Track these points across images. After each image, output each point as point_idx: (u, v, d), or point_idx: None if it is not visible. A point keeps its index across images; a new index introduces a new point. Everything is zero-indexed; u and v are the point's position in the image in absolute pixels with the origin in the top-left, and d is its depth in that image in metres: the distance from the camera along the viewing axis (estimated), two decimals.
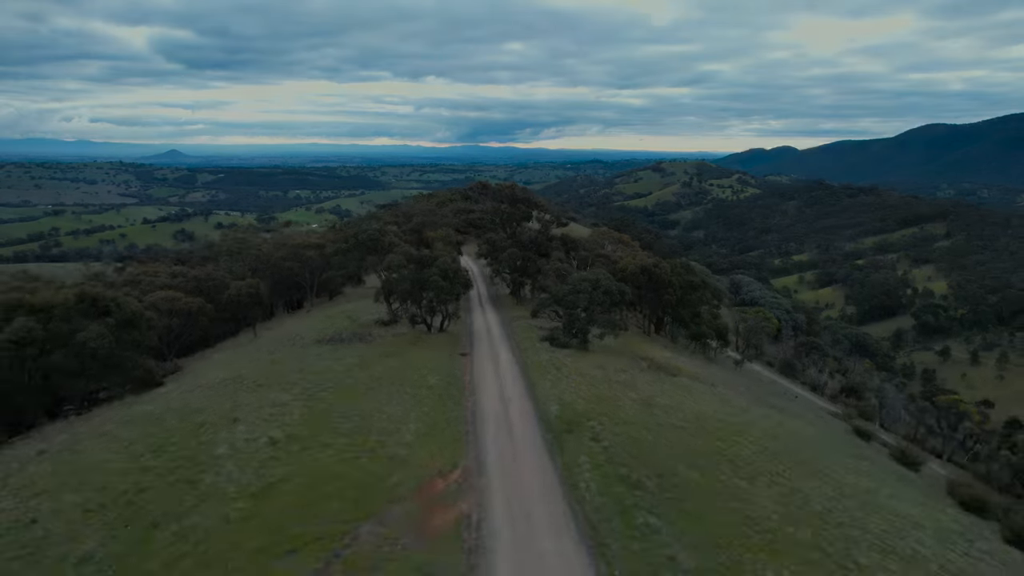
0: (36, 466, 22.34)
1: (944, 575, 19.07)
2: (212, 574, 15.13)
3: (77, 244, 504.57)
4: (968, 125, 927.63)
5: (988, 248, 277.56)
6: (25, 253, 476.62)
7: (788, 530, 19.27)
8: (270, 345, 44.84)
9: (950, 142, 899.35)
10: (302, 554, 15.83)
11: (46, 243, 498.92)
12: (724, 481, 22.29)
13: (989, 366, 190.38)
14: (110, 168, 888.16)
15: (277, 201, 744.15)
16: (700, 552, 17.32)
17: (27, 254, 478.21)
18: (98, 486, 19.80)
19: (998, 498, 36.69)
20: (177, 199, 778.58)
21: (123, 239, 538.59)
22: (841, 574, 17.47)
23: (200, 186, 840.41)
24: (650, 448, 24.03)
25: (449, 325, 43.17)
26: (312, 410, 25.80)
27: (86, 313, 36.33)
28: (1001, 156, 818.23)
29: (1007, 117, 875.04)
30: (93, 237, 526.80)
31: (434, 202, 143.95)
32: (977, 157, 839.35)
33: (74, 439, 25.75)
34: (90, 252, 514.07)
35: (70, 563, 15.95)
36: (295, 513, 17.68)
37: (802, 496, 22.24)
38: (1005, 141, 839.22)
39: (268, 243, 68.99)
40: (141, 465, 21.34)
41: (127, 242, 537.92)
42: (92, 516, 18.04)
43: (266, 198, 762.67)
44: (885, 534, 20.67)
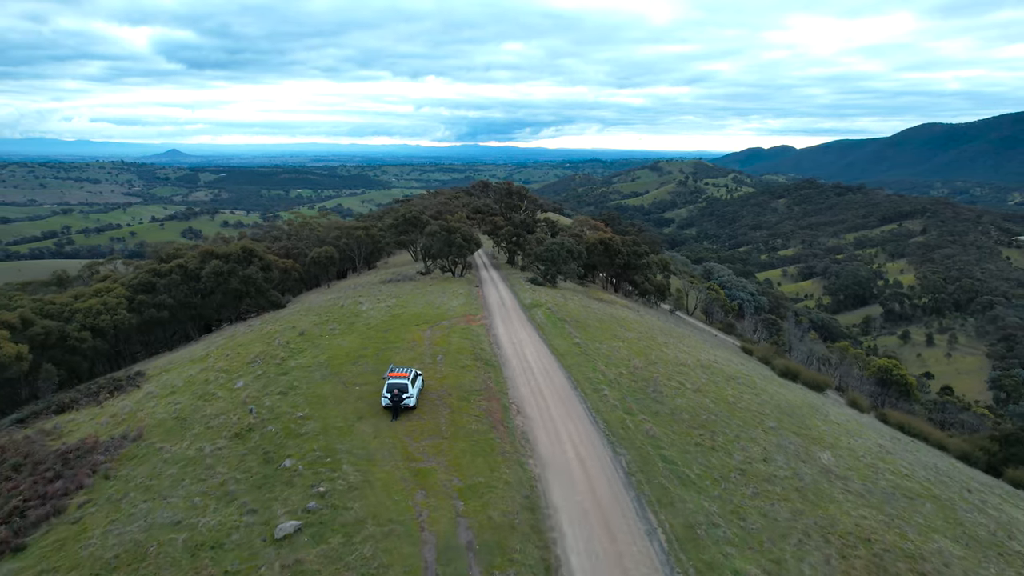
0: (255, 329, 46.24)
1: (724, 369, 42.92)
2: (388, 334, 38.83)
3: (89, 242, 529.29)
4: (964, 124, 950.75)
5: (957, 243, 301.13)
6: (41, 250, 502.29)
7: (632, 336, 43.11)
8: (344, 290, 68.60)
9: (946, 141, 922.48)
10: (419, 326, 39.59)
11: (59, 241, 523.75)
12: (611, 326, 46.13)
13: (942, 347, 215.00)
14: (112, 167, 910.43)
15: (279, 200, 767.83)
16: (586, 336, 41.11)
17: (43, 251, 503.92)
18: (304, 327, 43.59)
19: (807, 374, 60.38)
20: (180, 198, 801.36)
21: (133, 237, 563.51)
22: (653, 345, 41.15)
23: (202, 185, 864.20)
24: (577, 316, 47.88)
25: (466, 273, 67.04)
26: (399, 298, 49.75)
27: (245, 260, 60.18)
28: (995, 155, 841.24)
29: (1002, 117, 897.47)
30: (104, 235, 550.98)
31: (442, 199, 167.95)
32: (972, 156, 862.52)
33: (263, 321, 49.68)
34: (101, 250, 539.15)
35: (326, 336, 39.64)
36: (409, 322, 41.42)
37: (649, 331, 46.10)
38: (999, 140, 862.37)
39: (323, 226, 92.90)
40: (322, 319, 45.00)
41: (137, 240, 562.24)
42: (303, 336, 41.78)
43: (268, 197, 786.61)
44: (688, 349, 44.62)
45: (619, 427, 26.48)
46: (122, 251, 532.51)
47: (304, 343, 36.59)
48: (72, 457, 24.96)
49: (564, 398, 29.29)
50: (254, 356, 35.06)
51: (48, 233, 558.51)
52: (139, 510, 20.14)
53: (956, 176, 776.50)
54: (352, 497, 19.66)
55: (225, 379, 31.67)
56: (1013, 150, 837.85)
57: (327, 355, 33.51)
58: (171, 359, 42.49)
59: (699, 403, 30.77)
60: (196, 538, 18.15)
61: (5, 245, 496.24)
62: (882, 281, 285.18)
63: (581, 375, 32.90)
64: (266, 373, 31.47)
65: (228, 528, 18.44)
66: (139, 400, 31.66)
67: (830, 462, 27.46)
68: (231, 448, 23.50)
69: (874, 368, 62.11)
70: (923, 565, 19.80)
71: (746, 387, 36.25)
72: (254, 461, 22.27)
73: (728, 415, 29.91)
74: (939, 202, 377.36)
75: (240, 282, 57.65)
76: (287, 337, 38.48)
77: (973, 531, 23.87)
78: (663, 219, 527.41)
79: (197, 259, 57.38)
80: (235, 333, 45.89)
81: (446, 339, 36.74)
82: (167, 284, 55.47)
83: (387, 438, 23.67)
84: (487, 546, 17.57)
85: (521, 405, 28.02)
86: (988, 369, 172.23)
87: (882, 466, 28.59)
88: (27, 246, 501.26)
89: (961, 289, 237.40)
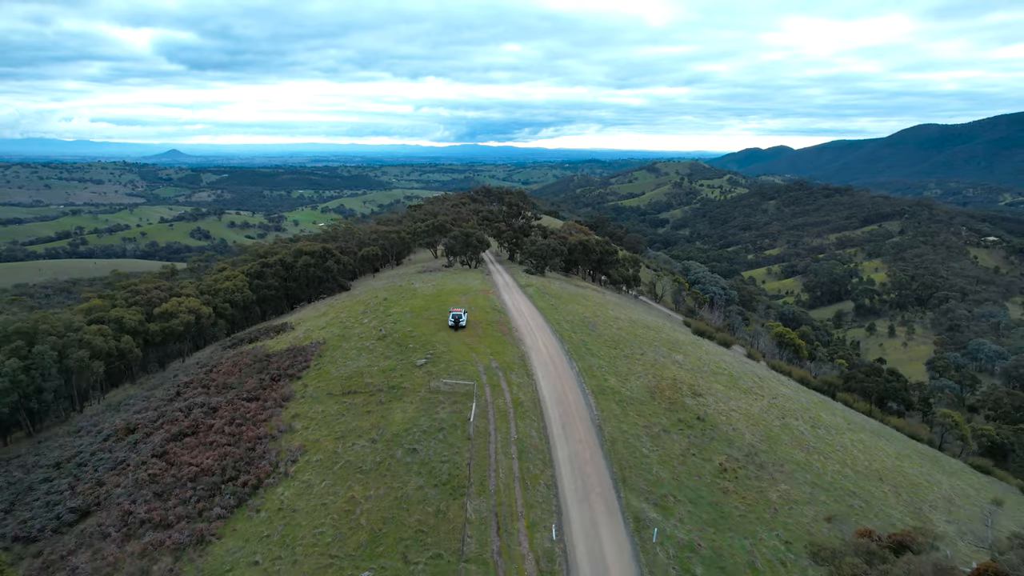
0: (350, 298, 72.97)
1: (656, 328, 69.57)
2: (439, 299, 65.48)
3: (102, 242, 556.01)
4: (959, 125, 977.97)
5: (929, 243, 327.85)
6: (56, 250, 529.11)
7: (590, 304, 69.75)
8: (391, 278, 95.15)
9: (941, 142, 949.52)
10: (456, 295, 66.23)
11: (74, 241, 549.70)
12: (577, 298, 72.72)
13: (901, 338, 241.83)
14: (115, 168, 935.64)
15: (282, 201, 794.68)
16: (558, 302, 67.70)
17: (58, 251, 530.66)
18: (384, 296, 70.17)
19: (715, 332, 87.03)
20: (184, 198, 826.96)
21: (144, 237, 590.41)
22: (601, 310, 67.58)
23: (205, 186, 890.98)
24: (555, 292, 74.48)
25: (479, 266, 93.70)
26: (436, 281, 76.51)
27: (324, 256, 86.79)
28: (989, 156, 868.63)
29: (996, 118, 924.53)
30: (116, 235, 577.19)
31: (449, 204, 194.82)
32: (966, 157, 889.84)
33: (342, 298, 76.37)
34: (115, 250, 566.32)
35: (401, 301, 66.15)
36: (449, 293, 68.00)
37: (603, 304, 72.78)
38: (994, 141, 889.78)
39: (364, 230, 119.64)
40: (391, 293, 71.47)
41: (147, 240, 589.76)
42: (387, 301, 68.34)
43: (271, 198, 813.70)
44: (651, 328, 71.33)
45: (567, 337, 53.16)
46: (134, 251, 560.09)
47: (389, 303, 63.26)
48: (295, 352, 51.51)
49: (540, 326, 56.04)
50: (362, 310, 61.73)
51: (62, 234, 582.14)
52: (347, 364, 46.69)
53: (950, 176, 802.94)
54: (443, 355, 46.27)
55: (354, 320, 58.32)
56: (1007, 151, 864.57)
57: (408, 307, 60.21)
58: (297, 317, 69.12)
59: (616, 333, 57.42)
60: (381, 367, 44.72)
61: (21, 245, 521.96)
62: (856, 279, 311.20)
63: (551, 317, 59.62)
64: (377, 316, 58.13)
65: (393, 364, 45.07)
66: (304, 332, 58.26)
67: (680, 359, 54.05)
68: (378, 344, 50.07)
69: (773, 334, 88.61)
70: (699, 390, 46.27)
71: (653, 331, 62.93)
72: (393, 347, 48.88)
73: (631, 338, 56.55)
74: (918, 204, 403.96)
75: (322, 271, 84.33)
76: (377, 300, 65.13)
77: (738, 384, 50.46)
78: (658, 220, 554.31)
79: (292, 255, 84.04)
80: (333, 303, 72.66)
81: (474, 300, 63.40)
82: (272, 272, 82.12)
83: (453, 337, 50.33)
84: (504, 367, 44.22)
85: (517, 327, 54.73)
86: (932, 355, 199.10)
87: (713, 366, 55.16)
88: (43, 246, 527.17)
89: (923, 286, 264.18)
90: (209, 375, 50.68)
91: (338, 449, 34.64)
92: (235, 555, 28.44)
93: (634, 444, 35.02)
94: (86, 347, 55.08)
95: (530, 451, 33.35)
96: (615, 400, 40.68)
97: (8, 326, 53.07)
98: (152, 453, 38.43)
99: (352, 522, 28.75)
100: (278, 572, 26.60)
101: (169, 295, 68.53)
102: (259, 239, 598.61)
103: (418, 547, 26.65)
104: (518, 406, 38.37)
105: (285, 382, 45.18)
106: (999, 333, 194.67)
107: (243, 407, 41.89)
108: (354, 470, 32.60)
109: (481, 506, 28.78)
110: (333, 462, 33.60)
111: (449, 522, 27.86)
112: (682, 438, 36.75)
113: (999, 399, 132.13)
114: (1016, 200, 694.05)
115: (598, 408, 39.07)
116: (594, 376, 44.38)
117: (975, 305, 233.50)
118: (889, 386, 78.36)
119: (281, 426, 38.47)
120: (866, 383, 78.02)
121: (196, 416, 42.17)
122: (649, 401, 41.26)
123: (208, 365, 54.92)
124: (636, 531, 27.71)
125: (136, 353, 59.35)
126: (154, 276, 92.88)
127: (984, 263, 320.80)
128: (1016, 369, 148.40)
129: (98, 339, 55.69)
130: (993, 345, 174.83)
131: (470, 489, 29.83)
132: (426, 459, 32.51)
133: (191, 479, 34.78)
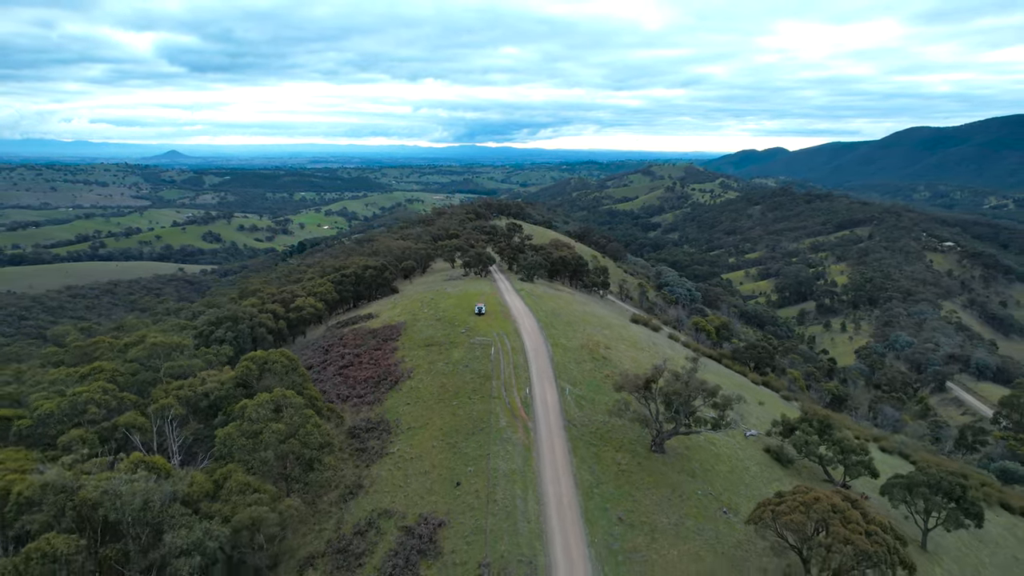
0: (404, 297, 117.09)
1: (612, 328, 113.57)
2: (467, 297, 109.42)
3: (119, 245, 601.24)
4: (951, 128, 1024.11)
5: (890, 248, 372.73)
6: (78, 253, 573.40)
7: (562, 301, 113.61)
8: (425, 284, 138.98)
9: (933, 144, 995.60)
10: (476, 295, 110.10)
11: (93, 244, 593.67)
12: (554, 298, 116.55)
13: (850, 332, 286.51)
14: (117, 170, 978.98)
15: (285, 203, 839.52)
16: (541, 301, 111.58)
17: (79, 254, 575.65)
18: (430, 296, 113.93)
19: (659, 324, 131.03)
20: (188, 200, 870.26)
21: (158, 240, 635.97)
22: (569, 307, 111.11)
23: (208, 188, 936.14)
24: (539, 294, 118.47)
25: (487, 275, 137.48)
26: (460, 286, 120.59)
27: (382, 268, 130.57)
28: (980, 158, 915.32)
29: (988, 120, 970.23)
30: (132, 239, 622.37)
31: (456, 220, 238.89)
32: (958, 159, 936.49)
33: (395, 296, 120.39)
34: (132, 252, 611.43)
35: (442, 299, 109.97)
36: (472, 294, 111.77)
37: (572, 302, 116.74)
38: (985, 143, 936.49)
39: (398, 246, 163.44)
40: (433, 295, 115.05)
41: (162, 243, 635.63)
42: (433, 300, 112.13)
43: (273, 200, 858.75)
44: (598, 316, 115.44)
45: (542, 319, 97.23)
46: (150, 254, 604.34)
47: (436, 301, 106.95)
48: (388, 328, 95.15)
49: (527, 313, 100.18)
50: (419, 305, 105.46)
51: (80, 237, 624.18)
52: (422, 332, 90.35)
53: (941, 179, 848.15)
54: (474, 328, 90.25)
55: (416, 310, 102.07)
56: (997, 153, 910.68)
57: (448, 303, 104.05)
58: (374, 309, 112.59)
59: (571, 318, 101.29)
60: (442, 333, 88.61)
61: (43, 248, 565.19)
62: (821, 281, 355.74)
63: (534, 308, 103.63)
64: (430, 308, 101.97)
65: (448, 331, 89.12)
66: (387, 318, 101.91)
67: (607, 333, 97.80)
68: (436, 322, 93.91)
69: (691, 324, 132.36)
70: (608, 347, 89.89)
71: (596, 318, 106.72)
72: (445, 323, 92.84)
73: (580, 321, 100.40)
74: (887, 211, 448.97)
75: (380, 279, 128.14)
76: (426, 299, 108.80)
77: (637, 346, 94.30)
78: (650, 223, 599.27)
79: (361, 269, 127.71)
80: (395, 300, 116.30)
81: (487, 299, 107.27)
82: (348, 280, 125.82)
83: (478, 320, 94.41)
84: (506, 333, 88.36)
85: (513, 314, 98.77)
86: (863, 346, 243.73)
87: (627, 337, 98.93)
88: (64, 249, 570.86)
89: (875, 287, 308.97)
90: (341, 341, 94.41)
91: (431, 367, 78.34)
92: (395, 405, 72.00)
93: (567, 364, 78.78)
94: (262, 327, 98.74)
95: (518, 366, 77.16)
96: (562, 348, 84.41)
97: (222, 314, 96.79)
98: (334, 373, 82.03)
99: (443, 389, 72.44)
100: (414, 407, 70.11)
101: (293, 296, 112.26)
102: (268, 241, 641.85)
103: (472, 396, 70.26)
104: (513, 350, 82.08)
105: (391, 343, 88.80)
106: (920, 328, 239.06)
107: (374, 353, 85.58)
108: (439, 373, 76.29)
109: (497, 383, 72.55)
110: (429, 371, 77.30)
111: (485, 387, 71.63)
112: (591, 364, 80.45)
113: (893, 377, 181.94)
114: (1000, 203, 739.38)
115: (552, 351, 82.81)
116: (553, 338, 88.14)
117: (913, 304, 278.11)
118: (760, 356, 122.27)
119: (398, 360, 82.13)
120: (745, 354, 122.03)
121: (349, 359, 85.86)
122: (579, 349, 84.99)
123: (333, 338, 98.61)
124: (561, 391, 71.46)
125: (285, 330, 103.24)
126: (262, 280, 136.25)
127: (939, 266, 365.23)
128: (913, 355, 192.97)
129: (269, 321, 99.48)
130: (907, 337, 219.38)
131: (492, 377, 73.62)
132: (472, 368, 76.32)
133: (362, 381, 78.38)
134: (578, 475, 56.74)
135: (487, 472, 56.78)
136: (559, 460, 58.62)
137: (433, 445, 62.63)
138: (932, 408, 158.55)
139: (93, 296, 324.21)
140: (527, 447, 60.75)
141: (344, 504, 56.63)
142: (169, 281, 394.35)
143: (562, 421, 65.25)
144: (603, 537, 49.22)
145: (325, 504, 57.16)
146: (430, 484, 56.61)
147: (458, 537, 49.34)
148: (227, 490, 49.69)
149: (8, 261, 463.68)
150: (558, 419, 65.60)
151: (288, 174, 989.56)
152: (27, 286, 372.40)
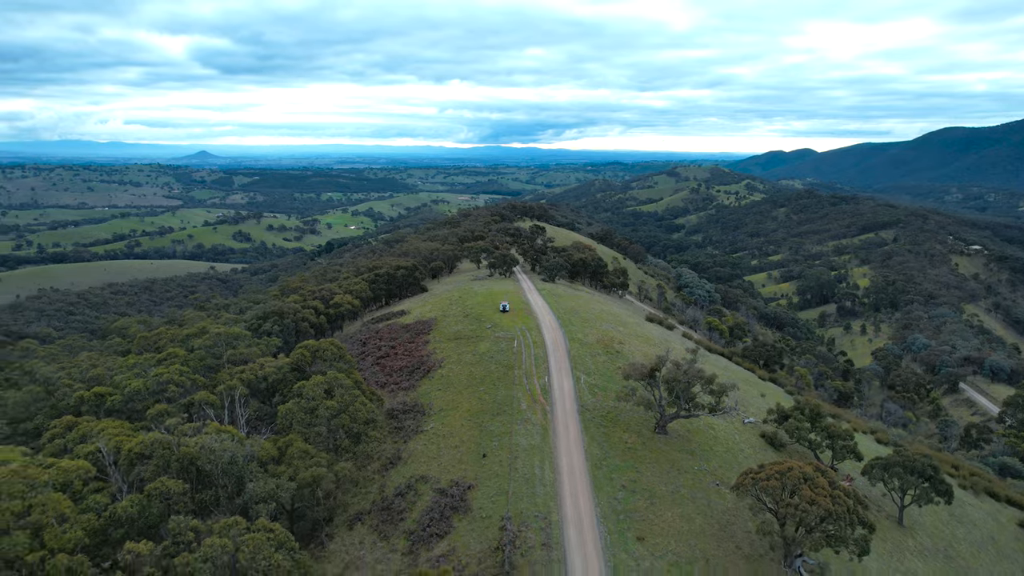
0: (434, 296, 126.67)
1: (631, 327, 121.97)
2: (493, 296, 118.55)
3: (153, 244, 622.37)
4: (986, 128, 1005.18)
5: (914, 251, 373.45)
6: (115, 251, 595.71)
7: (581, 301, 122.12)
8: (452, 284, 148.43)
9: (966, 145, 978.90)
10: (500, 294, 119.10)
11: (129, 243, 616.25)
12: (573, 297, 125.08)
13: (869, 335, 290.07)
14: (150, 170, 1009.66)
15: (312, 203, 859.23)
16: (561, 299, 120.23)
17: (116, 252, 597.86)
18: (458, 295, 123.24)
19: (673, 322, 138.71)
20: (219, 200, 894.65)
21: (191, 239, 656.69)
22: (587, 305, 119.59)
23: (237, 188, 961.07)
24: (559, 293, 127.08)
25: (511, 275, 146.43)
26: (486, 285, 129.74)
27: (412, 268, 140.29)
28: (1015, 159, 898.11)
29: None
30: (166, 238, 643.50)
31: (481, 222, 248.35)
32: (992, 160, 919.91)
33: (430, 293, 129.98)
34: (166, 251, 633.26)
35: (470, 297, 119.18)
36: (496, 295, 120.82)
37: (590, 301, 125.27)
38: (1021, 143, 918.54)
39: (426, 248, 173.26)
40: (461, 293, 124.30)
41: (194, 242, 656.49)
42: (461, 297, 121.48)
43: (301, 200, 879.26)
44: (614, 315, 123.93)
45: (561, 316, 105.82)
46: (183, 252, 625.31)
47: (463, 299, 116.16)
48: (420, 323, 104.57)
49: (547, 311, 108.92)
50: (448, 303, 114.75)
51: (118, 236, 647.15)
52: (452, 327, 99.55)
53: (974, 181, 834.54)
54: (499, 323, 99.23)
55: (446, 307, 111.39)
56: None
57: (475, 301, 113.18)
58: (406, 306, 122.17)
59: (589, 316, 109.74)
60: (470, 328, 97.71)
61: (83, 247, 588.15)
62: (843, 284, 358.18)
63: (554, 307, 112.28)
64: (459, 305, 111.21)
65: (475, 327, 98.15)
66: (419, 314, 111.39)
67: (621, 329, 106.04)
68: (464, 319, 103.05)
69: (705, 323, 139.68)
70: (623, 342, 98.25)
71: (612, 316, 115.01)
72: (473, 319, 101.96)
73: (596, 319, 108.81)
74: (913, 213, 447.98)
75: (411, 279, 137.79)
76: (455, 298, 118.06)
77: (649, 342, 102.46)
78: (674, 225, 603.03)
79: (393, 269, 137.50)
80: (426, 298, 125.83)
81: (511, 297, 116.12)
82: (381, 279, 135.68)
83: (502, 316, 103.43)
84: (528, 329, 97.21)
85: (535, 311, 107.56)
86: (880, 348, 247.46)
87: (639, 334, 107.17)
88: (102, 247, 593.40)
89: (896, 290, 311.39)
90: (378, 335, 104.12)
91: (459, 358, 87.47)
92: (428, 390, 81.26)
93: (583, 356, 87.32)
94: (304, 321, 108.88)
95: (538, 357, 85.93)
96: (578, 343, 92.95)
97: (268, 310, 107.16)
98: (372, 363, 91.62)
99: (471, 377, 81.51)
100: (445, 393, 79.24)
101: (331, 293, 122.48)
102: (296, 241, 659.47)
103: (497, 383, 79.23)
104: (534, 343, 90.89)
105: (423, 336, 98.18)
106: (939, 331, 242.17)
107: (408, 346, 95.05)
108: (467, 363, 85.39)
109: (519, 372, 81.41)
110: (458, 361, 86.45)
111: (508, 375, 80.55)
112: (604, 357, 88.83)
113: (907, 377, 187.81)
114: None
115: (569, 344, 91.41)
116: (571, 333, 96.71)
117: (934, 308, 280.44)
118: (769, 355, 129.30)
119: (430, 351, 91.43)
120: (755, 352, 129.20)
121: (385, 350, 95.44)
122: (594, 344, 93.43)
123: (369, 332, 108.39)
124: (576, 380, 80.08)
125: (325, 325, 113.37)
126: (301, 278, 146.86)
127: (964, 269, 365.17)
128: (927, 356, 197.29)
129: (311, 316, 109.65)
130: (924, 339, 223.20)
131: (515, 367, 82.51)
132: (498, 359, 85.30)
133: (398, 369, 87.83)
134: (589, 451, 65.38)
135: (510, 446, 65.75)
136: (572, 438, 67.33)
137: (462, 424, 71.81)
138: (943, 408, 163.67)
139: (133, 293, 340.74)
140: (544, 427, 69.57)
141: (386, 472, 66.14)
142: (203, 279, 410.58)
143: (576, 405, 73.97)
144: (608, 500, 57.80)
145: (369, 472, 66.72)
146: (460, 456, 65.78)
147: (484, 498, 58.37)
148: (289, 455, 59.38)
149: (51, 259, 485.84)
150: (573, 404, 74.34)
151: (316, 175, 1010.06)
152: (69, 283, 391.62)
